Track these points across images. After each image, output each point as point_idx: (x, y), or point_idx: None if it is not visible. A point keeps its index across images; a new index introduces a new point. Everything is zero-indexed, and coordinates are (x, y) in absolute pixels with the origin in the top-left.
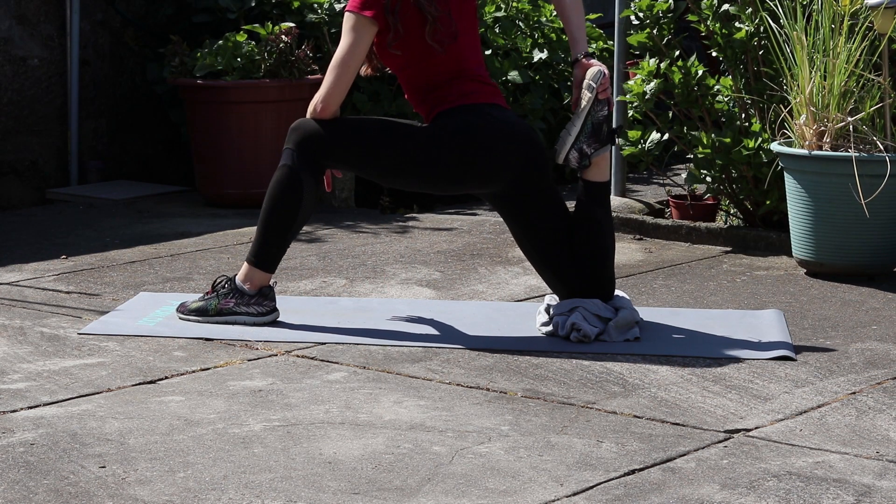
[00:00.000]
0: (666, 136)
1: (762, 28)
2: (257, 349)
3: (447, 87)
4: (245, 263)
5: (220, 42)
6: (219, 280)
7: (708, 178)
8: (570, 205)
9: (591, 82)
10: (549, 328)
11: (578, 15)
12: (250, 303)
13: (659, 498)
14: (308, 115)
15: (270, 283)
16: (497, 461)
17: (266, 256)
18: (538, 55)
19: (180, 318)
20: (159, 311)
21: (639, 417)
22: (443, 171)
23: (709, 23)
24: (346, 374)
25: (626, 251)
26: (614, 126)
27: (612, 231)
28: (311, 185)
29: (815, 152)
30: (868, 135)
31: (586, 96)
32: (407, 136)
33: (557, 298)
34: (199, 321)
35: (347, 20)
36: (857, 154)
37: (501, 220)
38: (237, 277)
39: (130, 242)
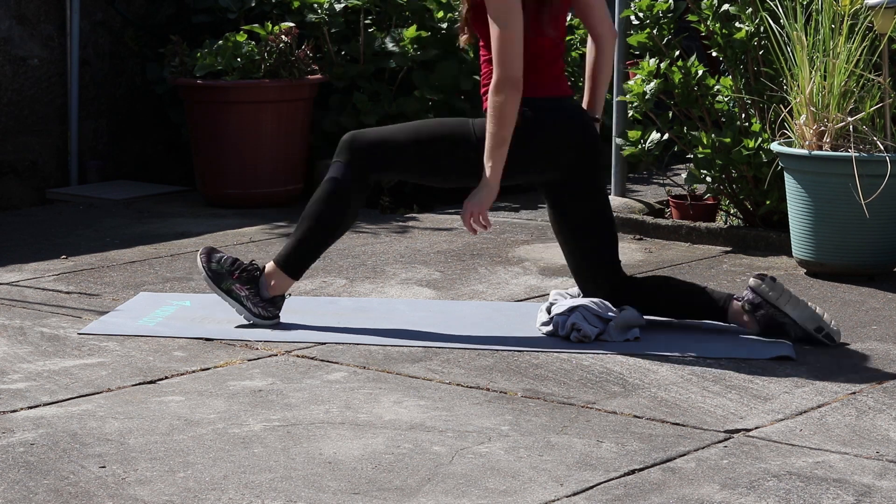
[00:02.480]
0: (666, 136)
1: (762, 28)
2: (257, 349)
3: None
4: (272, 262)
5: (220, 42)
6: (252, 263)
7: (708, 178)
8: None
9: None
10: (549, 328)
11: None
12: (258, 303)
13: (659, 498)
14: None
15: (286, 293)
16: (497, 461)
17: (296, 264)
18: None
19: (199, 258)
20: (159, 311)
21: (639, 417)
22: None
23: (709, 23)
24: (346, 374)
25: (626, 251)
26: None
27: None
28: (357, 203)
29: (815, 152)
30: (868, 135)
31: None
32: (461, 136)
33: (559, 297)
34: (206, 279)
35: (499, 4)
36: (858, 154)
37: (502, 219)
38: (263, 274)
39: (130, 242)
